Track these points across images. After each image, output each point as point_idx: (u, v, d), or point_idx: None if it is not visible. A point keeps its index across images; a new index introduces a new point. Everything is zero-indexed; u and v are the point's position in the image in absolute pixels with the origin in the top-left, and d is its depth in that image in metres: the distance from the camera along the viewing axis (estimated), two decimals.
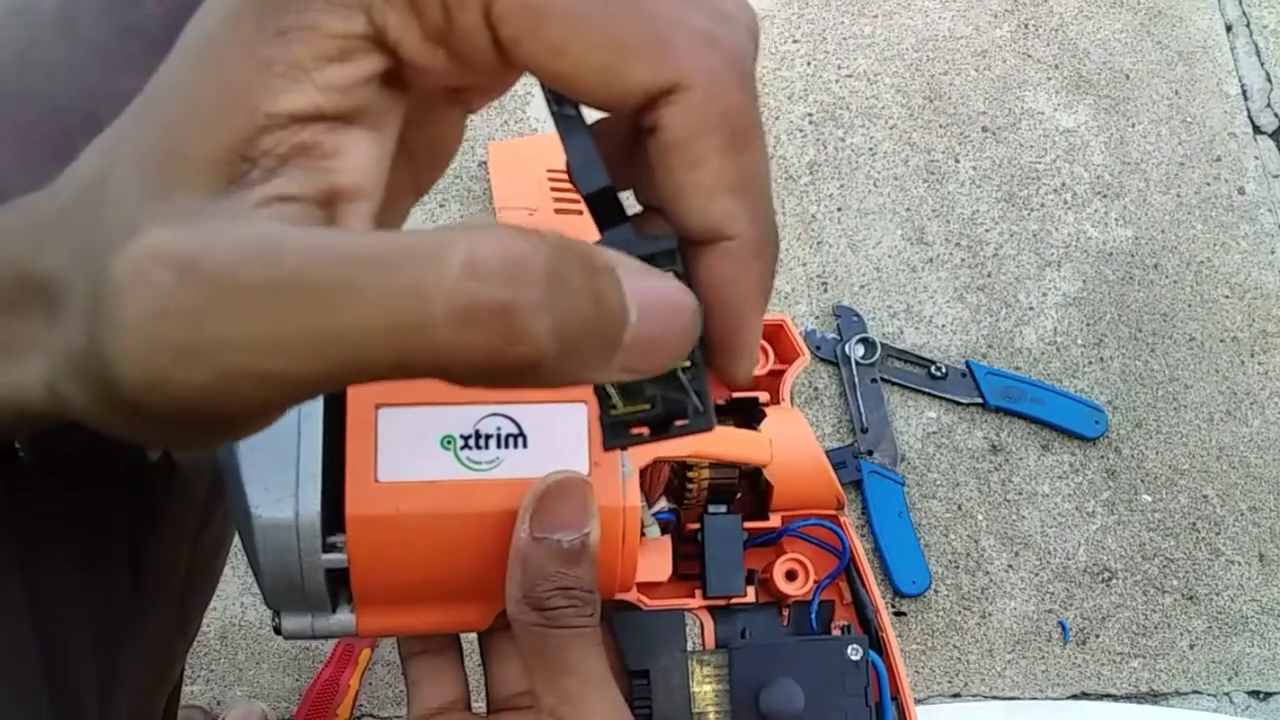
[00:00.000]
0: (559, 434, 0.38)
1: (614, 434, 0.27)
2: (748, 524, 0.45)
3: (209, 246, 0.21)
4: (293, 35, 0.23)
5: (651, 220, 0.29)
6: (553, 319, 0.21)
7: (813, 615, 0.45)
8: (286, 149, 0.23)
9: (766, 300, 0.27)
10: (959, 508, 1.16)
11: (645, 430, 0.26)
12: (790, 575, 0.45)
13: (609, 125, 0.28)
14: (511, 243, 0.21)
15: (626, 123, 0.27)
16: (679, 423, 0.27)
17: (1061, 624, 1.12)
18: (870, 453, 1.16)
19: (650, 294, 0.23)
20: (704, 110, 0.25)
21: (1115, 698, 1.10)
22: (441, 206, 1.25)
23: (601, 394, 0.26)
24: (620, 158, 0.28)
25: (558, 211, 1.15)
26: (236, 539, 0.61)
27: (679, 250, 0.27)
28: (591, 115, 0.27)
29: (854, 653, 0.43)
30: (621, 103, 0.25)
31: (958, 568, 1.14)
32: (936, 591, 1.13)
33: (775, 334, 0.47)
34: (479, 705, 0.42)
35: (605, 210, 0.27)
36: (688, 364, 0.26)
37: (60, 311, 0.24)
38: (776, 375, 0.47)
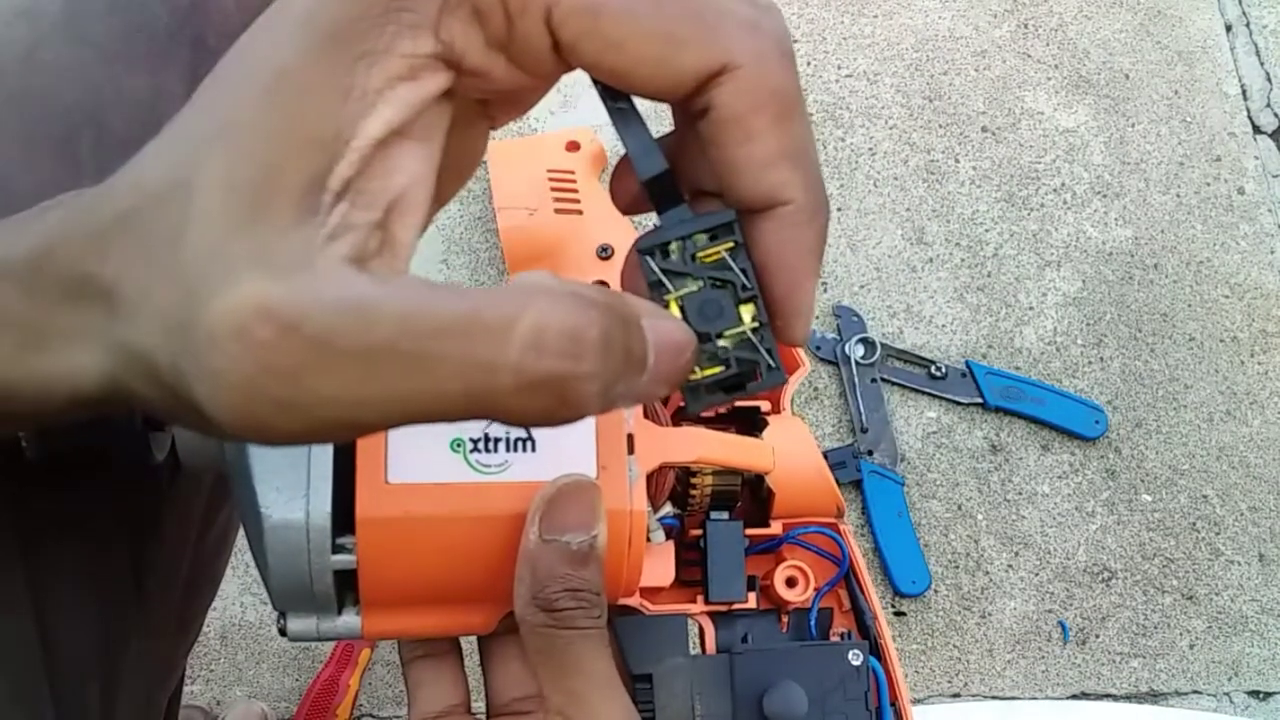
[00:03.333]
0: (567, 438, 0.38)
1: (695, 398, 0.29)
2: (749, 531, 0.45)
3: (308, 307, 0.23)
4: (369, 60, 0.25)
5: (703, 202, 0.31)
6: (601, 382, 0.24)
7: (812, 622, 0.46)
8: (352, 172, 0.25)
9: (820, 263, 0.29)
10: (959, 508, 1.16)
11: (722, 393, 0.28)
12: (790, 582, 0.45)
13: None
14: (572, 317, 0.24)
15: (676, 117, 0.30)
16: (753, 382, 0.29)
17: (1061, 624, 1.12)
18: (870, 453, 1.16)
19: (662, 336, 0.26)
20: (753, 87, 0.27)
21: (1115, 698, 1.11)
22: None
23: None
24: (672, 150, 0.30)
25: (558, 211, 1.15)
26: (238, 540, 0.61)
27: (737, 222, 0.28)
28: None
29: (855, 658, 0.43)
30: (676, 88, 0.27)
31: (958, 568, 1.14)
32: (936, 591, 1.13)
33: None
34: (479, 709, 0.42)
35: (664, 193, 0.29)
36: (757, 325, 0.28)
37: (126, 311, 0.25)
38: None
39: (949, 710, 1.07)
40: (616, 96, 0.28)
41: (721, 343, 0.28)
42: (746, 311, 0.28)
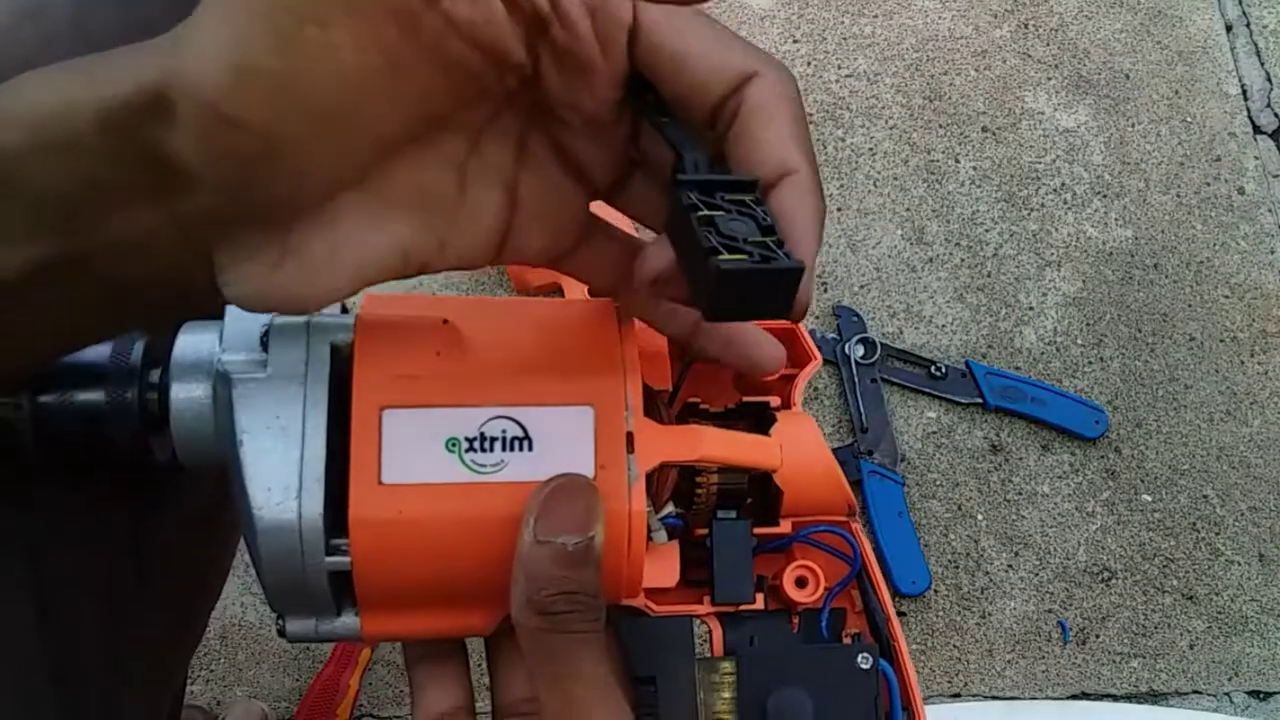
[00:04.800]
0: (564, 437, 0.38)
1: (723, 277, 0.31)
2: (757, 530, 0.44)
3: None
4: None
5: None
6: None
7: (823, 623, 0.45)
8: None
9: (821, 230, 0.36)
10: (959, 508, 1.16)
11: (749, 262, 0.31)
12: (800, 582, 0.45)
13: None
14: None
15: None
16: (776, 262, 0.32)
17: (1061, 624, 1.12)
18: (870, 453, 1.16)
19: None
20: (776, 87, 0.36)
21: (1115, 698, 1.10)
22: None
23: (709, 250, 0.31)
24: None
25: None
26: (240, 541, 0.61)
27: (758, 183, 0.35)
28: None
29: (864, 662, 0.43)
30: (722, 86, 0.36)
31: (958, 568, 1.14)
32: (936, 591, 1.13)
33: (787, 338, 0.46)
34: (484, 711, 0.42)
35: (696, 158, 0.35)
36: (775, 239, 0.32)
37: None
38: (788, 379, 0.46)
39: (949, 710, 1.07)
40: (661, 113, 0.36)
41: (744, 245, 0.32)
42: (766, 236, 0.33)
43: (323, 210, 0.34)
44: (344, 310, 0.41)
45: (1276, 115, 1.35)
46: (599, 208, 0.41)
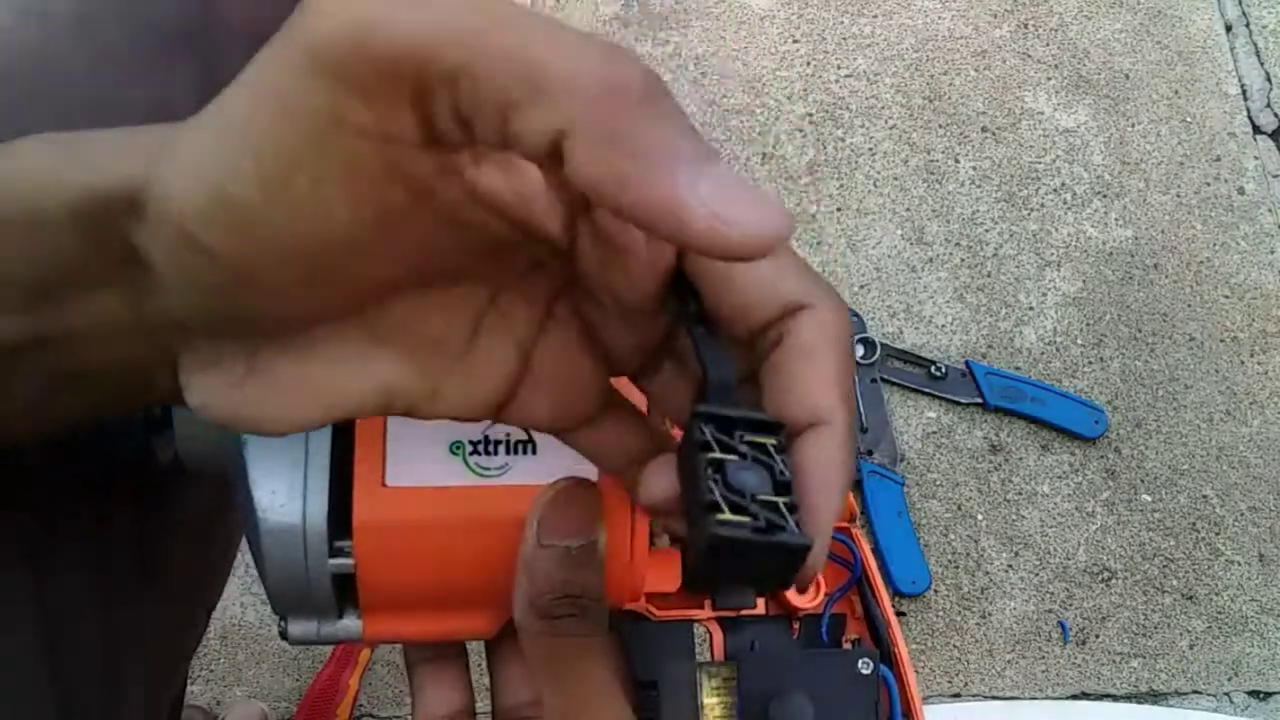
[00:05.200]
0: None
1: (719, 541, 0.28)
2: None
3: None
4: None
5: None
6: None
7: (824, 628, 0.45)
8: None
9: (847, 489, 0.32)
10: (959, 508, 1.16)
11: (751, 532, 0.28)
12: (801, 587, 0.45)
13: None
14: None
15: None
16: (780, 534, 0.28)
17: (1061, 624, 1.12)
18: (870, 453, 1.16)
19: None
20: (827, 323, 0.32)
21: (1115, 698, 1.11)
22: None
23: (711, 504, 0.28)
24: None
25: None
26: (241, 543, 0.61)
27: (783, 428, 0.31)
28: None
29: (864, 667, 0.43)
30: (768, 312, 0.32)
31: (958, 568, 1.14)
32: (936, 591, 1.13)
33: None
34: (484, 713, 0.42)
35: (724, 395, 0.31)
36: (788, 502, 0.29)
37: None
38: None
39: (949, 710, 1.07)
40: (698, 321, 0.32)
41: (751, 504, 0.28)
42: (779, 497, 0.29)
43: (298, 336, 0.31)
44: None
45: (1276, 115, 1.35)
46: (620, 383, 0.37)
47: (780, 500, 0.29)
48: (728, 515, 0.28)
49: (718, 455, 0.29)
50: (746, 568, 0.28)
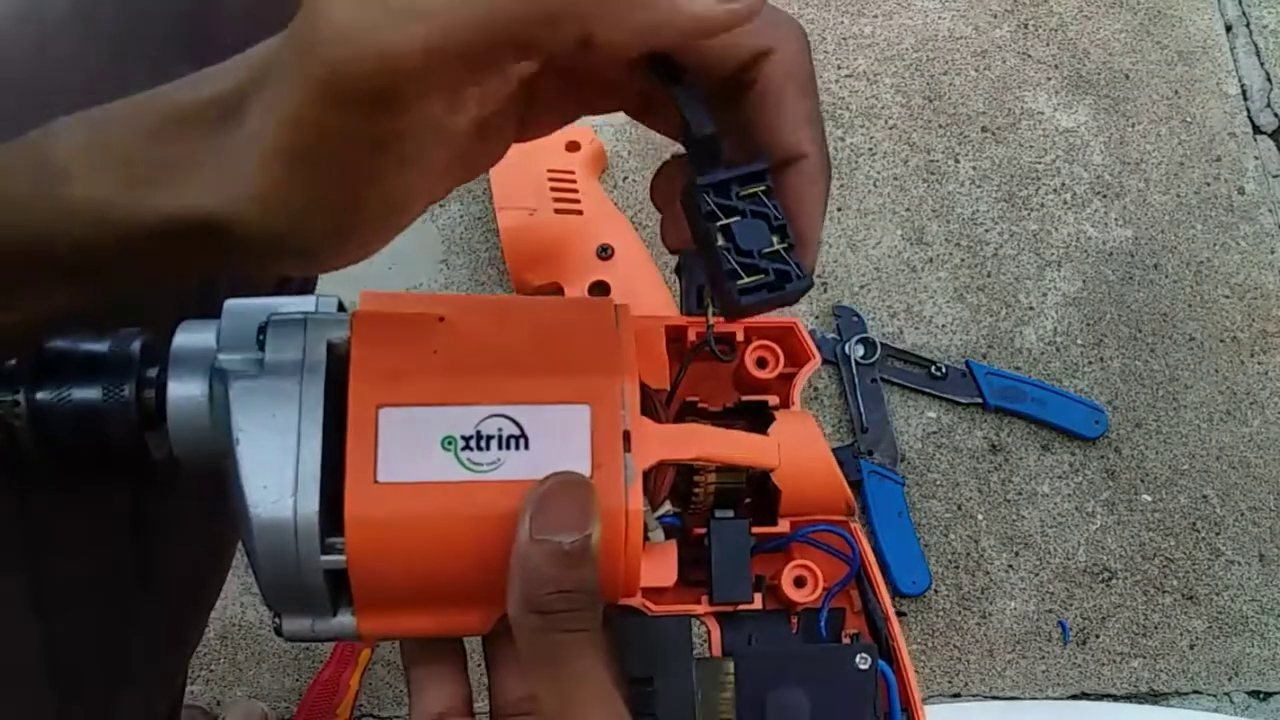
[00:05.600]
0: (561, 436, 0.38)
1: (745, 296, 0.36)
2: (756, 529, 0.44)
3: None
4: None
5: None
6: None
7: (822, 623, 0.45)
8: None
9: (826, 208, 0.38)
10: (959, 508, 1.16)
11: (766, 291, 0.36)
12: (799, 582, 0.44)
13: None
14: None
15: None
16: (790, 284, 0.36)
17: (1061, 624, 1.12)
18: (870, 453, 1.16)
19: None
20: (789, 66, 0.36)
21: (1115, 698, 1.10)
22: (441, 206, 1.25)
23: (730, 272, 0.35)
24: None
25: (557, 211, 1.15)
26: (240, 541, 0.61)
27: (768, 171, 0.36)
28: None
29: (862, 662, 0.42)
30: (734, 64, 0.36)
31: (958, 568, 1.14)
32: (936, 591, 1.13)
33: (785, 336, 0.46)
34: (482, 710, 0.42)
35: (709, 152, 0.36)
36: (787, 246, 0.36)
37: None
38: (787, 378, 0.46)
39: (949, 710, 1.07)
40: (675, 78, 0.36)
41: (760, 260, 0.36)
42: (776, 239, 0.36)
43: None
44: (341, 308, 0.41)
45: (1276, 115, 1.35)
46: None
47: (780, 246, 0.36)
48: (745, 280, 0.35)
49: (723, 221, 0.36)
50: (766, 307, 0.36)
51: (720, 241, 0.36)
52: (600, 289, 1.13)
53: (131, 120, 0.33)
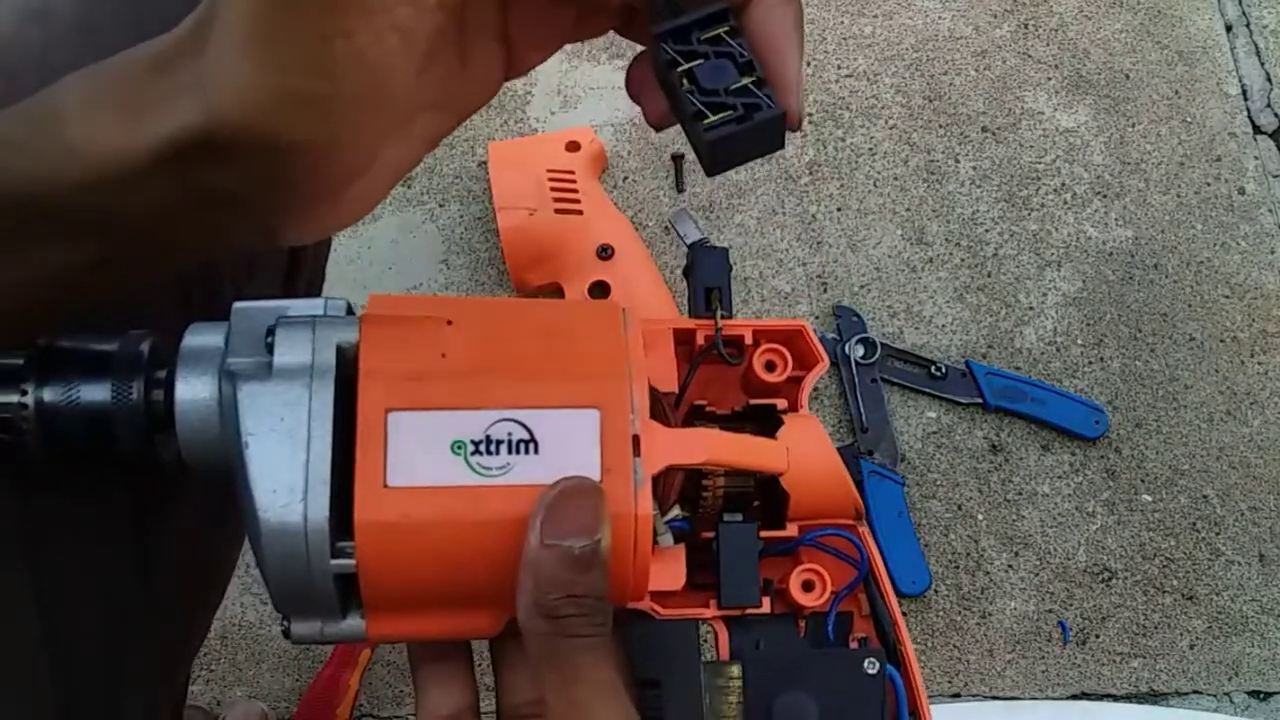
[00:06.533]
0: (570, 440, 0.38)
1: (715, 136, 0.34)
2: (764, 533, 0.44)
3: None
4: None
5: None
6: None
7: (830, 627, 0.45)
8: None
9: (802, 40, 0.35)
10: (959, 508, 1.16)
11: (734, 125, 0.34)
12: (807, 586, 0.44)
13: None
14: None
15: None
16: (759, 113, 0.34)
17: (1061, 624, 1.12)
18: (870, 453, 1.16)
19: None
20: None
21: (1115, 698, 1.10)
22: (441, 206, 1.24)
23: (695, 114, 0.34)
24: None
25: (558, 211, 1.15)
26: (243, 542, 0.61)
27: (730, 10, 0.35)
28: None
29: (870, 666, 0.42)
30: None
31: (958, 568, 1.14)
32: (936, 591, 1.13)
33: (794, 339, 0.46)
34: (488, 711, 0.42)
35: (668, 4, 0.35)
36: (755, 78, 0.34)
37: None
38: (795, 382, 0.46)
39: (949, 710, 1.07)
40: None
41: (727, 95, 0.34)
42: (745, 77, 0.34)
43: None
44: (349, 311, 0.41)
45: (1276, 115, 1.35)
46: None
47: (747, 81, 0.34)
48: (712, 118, 0.34)
49: (685, 67, 0.34)
50: (745, 149, 0.34)
51: (684, 86, 0.34)
52: (600, 289, 1.13)
53: (123, 66, 0.34)
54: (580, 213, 1.15)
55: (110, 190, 0.33)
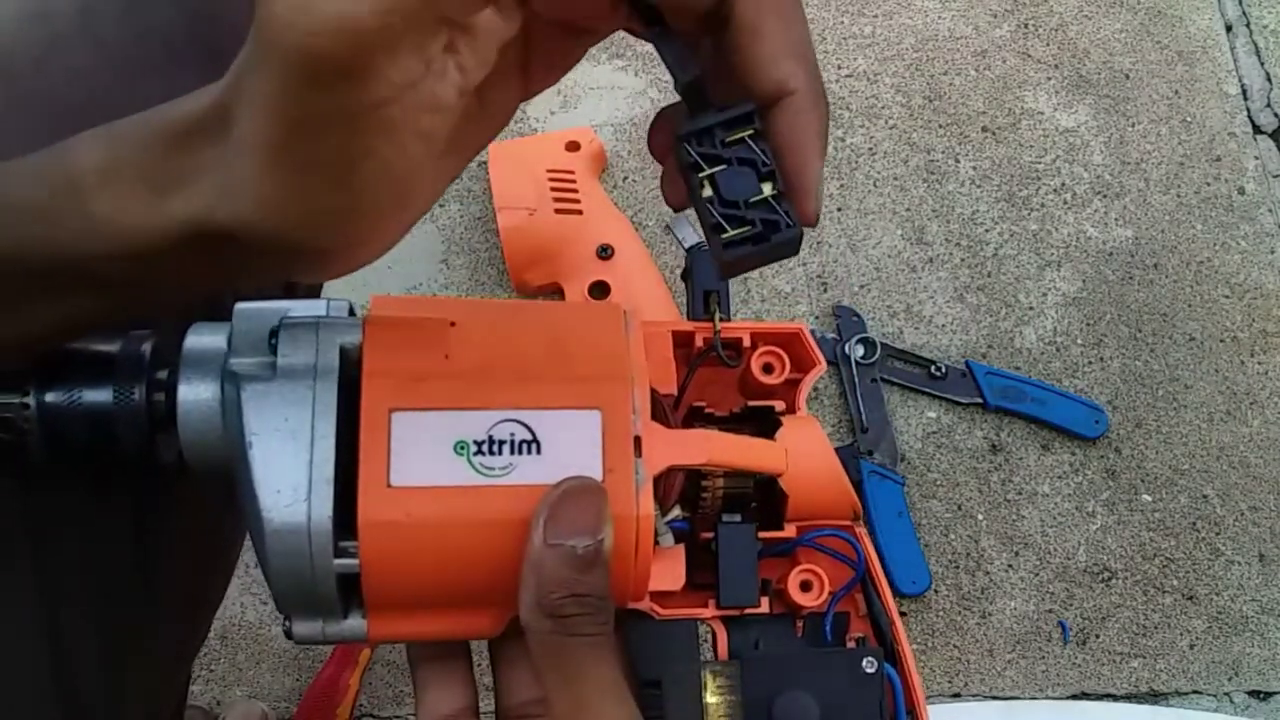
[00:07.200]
0: (573, 441, 0.38)
1: (729, 250, 0.34)
2: (762, 534, 0.44)
3: None
4: None
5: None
6: None
7: (827, 627, 0.45)
8: None
9: (824, 146, 0.35)
10: (959, 508, 1.16)
11: (750, 245, 0.34)
12: (805, 586, 0.45)
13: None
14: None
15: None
16: (777, 234, 0.34)
17: (1061, 624, 1.12)
18: (870, 453, 1.16)
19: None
20: None
21: (1115, 698, 1.11)
22: (441, 206, 1.24)
23: (715, 226, 0.34)
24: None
25: (557, 211, 1.15)
26: (244, 543, 0.61)
27: (755, 112, 0.34)
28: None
29: (868, 666, 0.43)
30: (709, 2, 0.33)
31: (958, 568, 1.14)
32: (936, 591, 1.13)
33: (791, 342, 0.46)
34: (488, 711, 0.42)
35: (696, 97, 0.35)
36: (775, 193, 0.34)
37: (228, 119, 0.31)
38: (793, 384, 0.46)
39: (949, 710, 1.07)
40: (653, 22, 0.34)
41: (747, 211, 0.34)
42: (766, 186, 0.34)
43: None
44: (352, 312, 0.41)
45: (1276, 115, 1.35)
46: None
47: (769, 194, 0.34)
48: (730, 233, 0.34)
49: (707, 172, 0.34)
50: (759, 260, 0.34)
51: (706, 193, 0.34)
52: (600, 289, 1.13)
53: (143, 135, 0.33)
54: (580, 213, 1.16)
55: (129, 259, 0.33)
